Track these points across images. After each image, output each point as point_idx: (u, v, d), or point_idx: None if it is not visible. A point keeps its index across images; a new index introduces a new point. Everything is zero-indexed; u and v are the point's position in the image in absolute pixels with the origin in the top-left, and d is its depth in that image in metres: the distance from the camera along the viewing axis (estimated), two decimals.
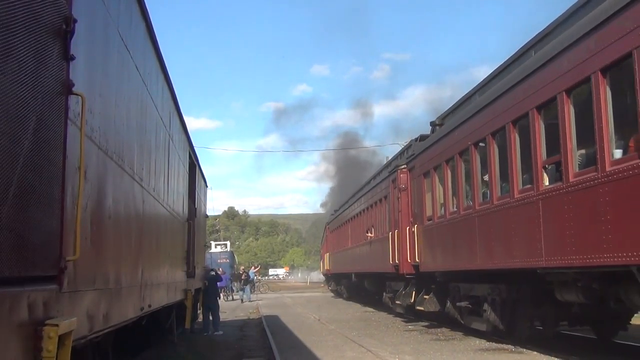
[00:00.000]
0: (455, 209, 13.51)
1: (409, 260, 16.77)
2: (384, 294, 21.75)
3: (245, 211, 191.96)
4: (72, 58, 3.60)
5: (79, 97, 3.74)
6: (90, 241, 4.19)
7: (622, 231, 7.41)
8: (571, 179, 8.68)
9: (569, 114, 8.76)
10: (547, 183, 9.49)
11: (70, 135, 3.60)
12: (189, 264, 12.58)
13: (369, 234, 22.99)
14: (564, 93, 8.81)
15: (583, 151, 8.72)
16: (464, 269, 12.92)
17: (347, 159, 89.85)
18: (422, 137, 17.03)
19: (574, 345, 11.71)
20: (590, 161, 8.36)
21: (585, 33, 8.24)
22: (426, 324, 17.16)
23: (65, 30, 3.49)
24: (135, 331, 8.09)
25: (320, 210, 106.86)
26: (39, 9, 3.10)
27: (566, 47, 8.75)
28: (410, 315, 18.41)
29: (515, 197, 10.44)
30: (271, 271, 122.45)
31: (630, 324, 11.37)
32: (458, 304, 13.96)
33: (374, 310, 23.73)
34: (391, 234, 18.70)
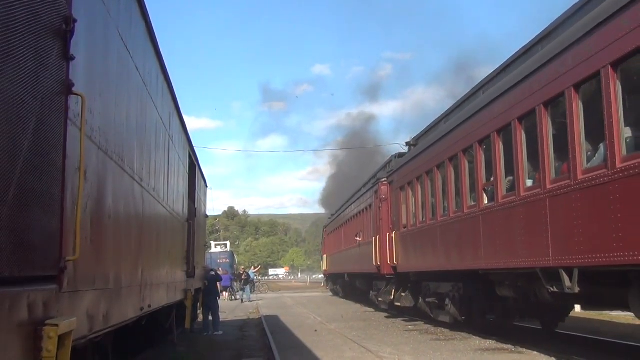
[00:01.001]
0: (423, 219, 15.88)
1: (389, 262, 18.88)
2: (371, 292, 23.80)
3: (245, 211, 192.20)
4: (72, 58, 3.59)
5: (79, 97, 3.73)
6: (90, 241, 4.19)
7: (530, 242, 9.67)
8: (500, 200, 11.02)
9: (499, 148, 11.20)
10: (486, 202, 11.74)
11: (70, 135, 3.60)
12: (189, 264, 12.58)
13: (358, 238, 24.92)
14: (495, 133, 11.26)
15: (511, 178, 10.81)
16: (431, 270, 15.21)
17: (356, 141, 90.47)
18: (400, 155, 20.05)
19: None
20: (512, 187, 10.66)
21: (505, 90, 10.85)
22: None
23: (65, 30, 3.49)
24: (135, 331, 8.09)
25: (319, 210, 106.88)
26: (39, 9, 3.09)
27: (494, 99, 11.33)
28: (393, 310, 20.42)
29: (465, 211, 12.76)
30: (271, 271, 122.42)
31: (569, 316, 13.43)
32: (427, 299, 16.27)
33: (373, 310, 23.73)
34: (374, 239, 20.95)
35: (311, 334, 15.35)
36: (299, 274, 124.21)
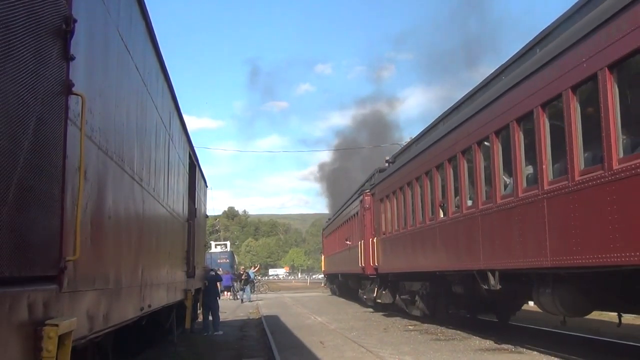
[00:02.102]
0: (398, 228, 18.63)
1: (371, 264, 21.72)
2: (359, 290, 26.79)
3: (245, 211, 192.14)
4: (72, 58, 3.59)
5: (79, 97, 3.73)
6: (90, 241, 4.19)
7: (470, 249, 12.30)
8: (450, 215, 13.71)
9: (450, 173, 13.97)
10: (442, 216, 14.39)
11: (70, 135, 3.60)
12: (189, 264, 12.57)
13: (348, 242, 27.62)
14: (446, 161, 14.04)
15: (458, 197, 13.27)
16: (404, 271, 17.98)
17: (374, 118, 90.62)
18: (381, 170, 23.12)
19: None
20: (459, 205, 13.21)
21: (452, 128, 13.55)
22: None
23: (65, 30, 3.49)
24: (135, 331, 8.09)
25: (319, 210, 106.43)
26: (39, 9, 3.09)
27: (445, 134, 14.04)
28: (377, 307, 22.91)
29: (427, 223, 15.47)
30: (271, 271, 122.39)
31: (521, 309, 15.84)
32: (402, 296, 19.35)
33: (373, 310, 23.74)
34: (360, 243, 23.72)
35: (311, 333, 15.35)
36: (299, 274, 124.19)
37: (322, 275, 57.74)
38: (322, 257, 48.01)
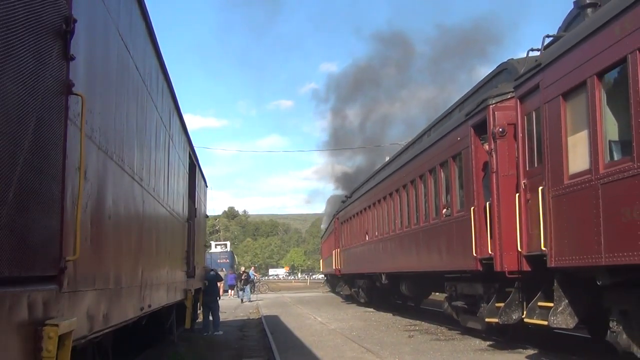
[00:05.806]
0: (349, 244, 27.99)
1: (338, 267, 31.65)
2: (336, 286, 37.67)
3: (245, 211, 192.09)
4: (72, 58, 3.59)
5: (79, 97, 3.73)
6: (90, 241, 4.19)
7: (376, 259, 21.43)
8: (368, 240, 22.93)
9: (370, 214, 22.69)
10: (366, 239, 23.21)
11: (70, 135, 3.60)
12: (189, 264, 12.58)
13: (332, 250, 36.03)
14: (367, 207, 23.57)
15: (372, 229, 21.96)
16: (353, 272, 27.41)
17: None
18: (343, 201, 32.74)
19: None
20: (373, 234, 22.16)
21: (383, 178, 21.08)
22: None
23: (65, 30, 3.49)
24: (135, 331, 8.09)
25: (319, 210, 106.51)
26: (39, 8, 3.10)
27: (382, 180, 21.38)
28: (347, 298, 32.02)
29: (361, 242, 24.52)
30: (271, 271, 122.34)
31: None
32: (353, 289, 28.96)
33: (373, 310, 23.76)
34: (333, 252, 33.86)
35: (311, 333, 15.35)
36: (299, 274, 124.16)
37: (322, 276, 61.40)
38: (321, 259, 55.48)
